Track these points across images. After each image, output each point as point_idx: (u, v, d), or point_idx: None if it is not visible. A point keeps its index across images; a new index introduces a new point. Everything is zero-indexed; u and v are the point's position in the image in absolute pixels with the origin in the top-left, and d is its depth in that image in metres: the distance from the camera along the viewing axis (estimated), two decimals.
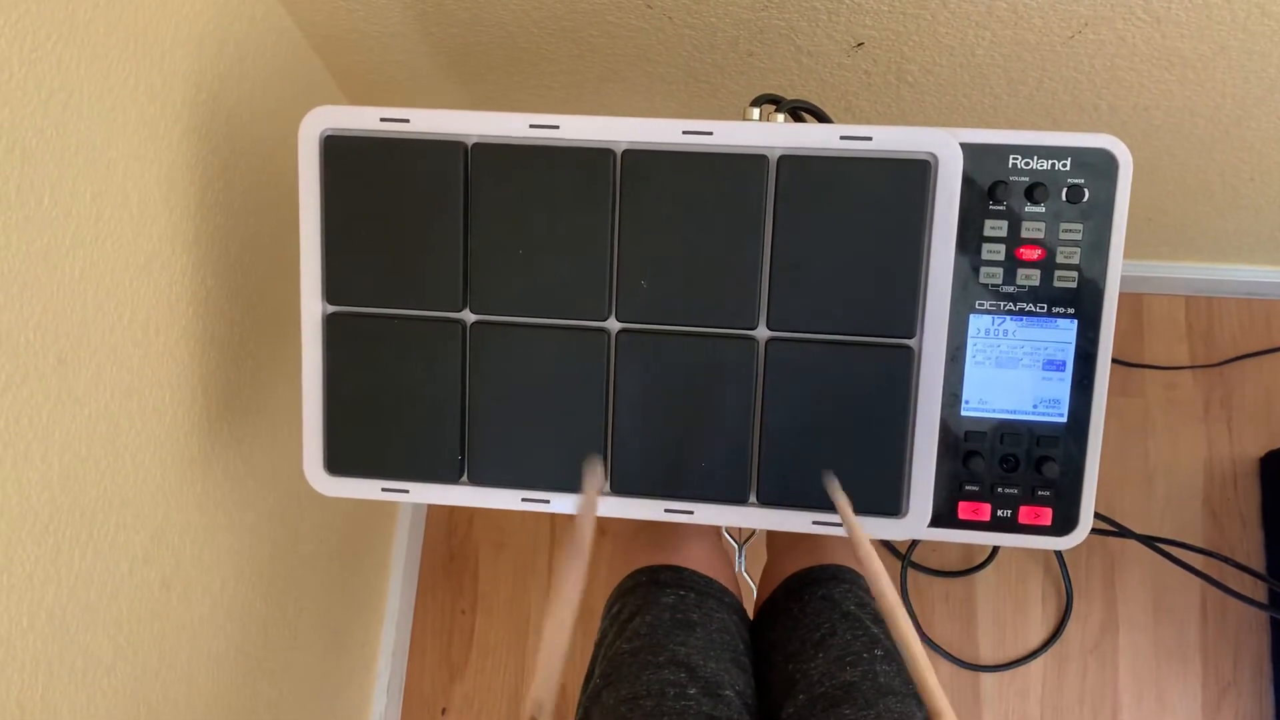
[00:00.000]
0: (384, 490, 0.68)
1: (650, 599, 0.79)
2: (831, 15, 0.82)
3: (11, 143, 0.56)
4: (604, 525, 1.50)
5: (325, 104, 0.64)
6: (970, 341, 0.64)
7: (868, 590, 0.81)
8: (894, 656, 0.74)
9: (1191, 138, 0.99)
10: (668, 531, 0.88)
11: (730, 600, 0.82)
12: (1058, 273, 0.63)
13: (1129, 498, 1.42)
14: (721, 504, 0.65)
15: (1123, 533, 1.09)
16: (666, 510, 0.65)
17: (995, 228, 0.62)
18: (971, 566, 1.43)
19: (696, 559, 0.84)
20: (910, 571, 1.43)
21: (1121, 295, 0.62)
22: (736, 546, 1.03)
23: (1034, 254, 0.63)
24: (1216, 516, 1.41)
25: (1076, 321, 0.63)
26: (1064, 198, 0.62)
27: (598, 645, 0.82)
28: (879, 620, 0.78)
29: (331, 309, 0.66)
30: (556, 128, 0.62)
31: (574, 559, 0.52)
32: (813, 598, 0.79)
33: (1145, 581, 1.40)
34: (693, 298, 0.63)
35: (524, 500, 0.67)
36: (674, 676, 0.71)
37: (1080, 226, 0.62)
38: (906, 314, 0.61)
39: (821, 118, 0.70)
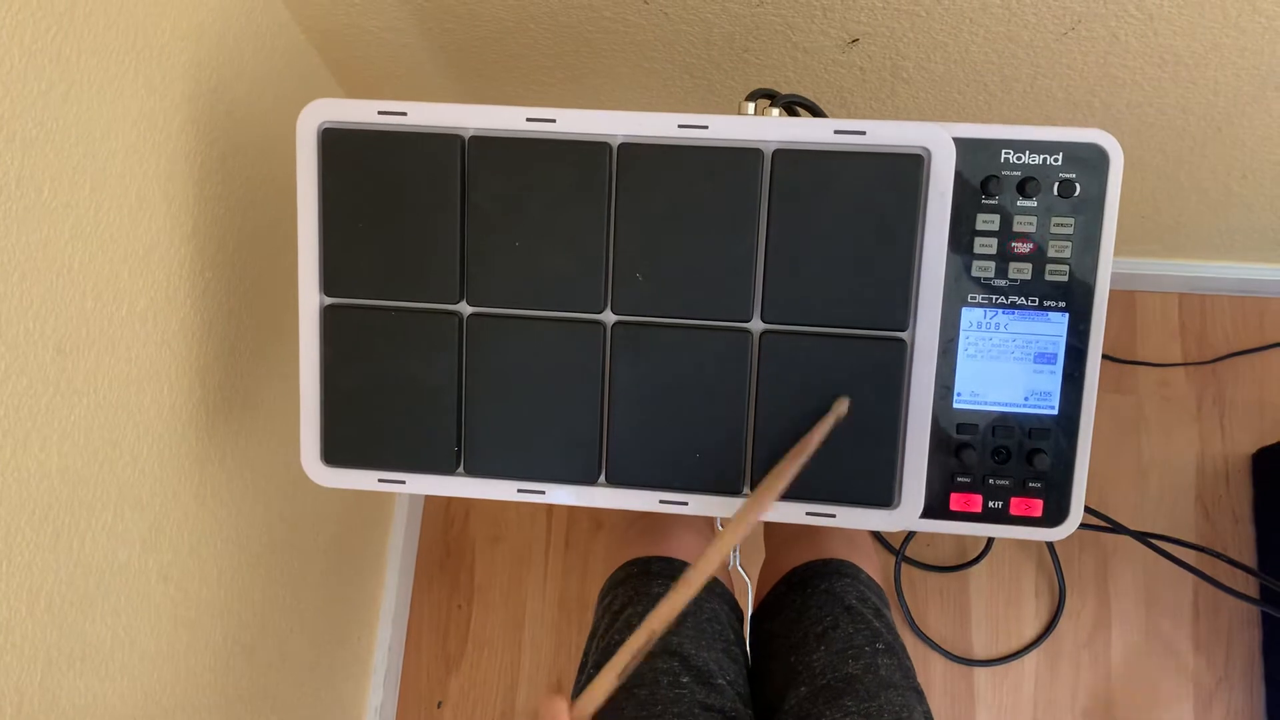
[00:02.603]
0: (380, 481, 0.68)
1: (642, 589, 0.80)
2: (827, 12, 0.82)
3: (11, 133, 0.56)
4: (599, 518, 1.51)
5: (322, 97, 0.64)
6: (962, 334, 0.65)
7: (869, 585, 0.81)
8: (894, 650, 0.75)
9: (1184, 135, 1.00)
10: (660, 524, 0.88)
11: (721, 591, 0.83)
12: (1049, 266, 0.63)
13: (1122, 494, 1.43)
14: (716, 494, 0.66)
15: (1115, 528, 1.09)
16: (661, 501, 0.66)
17: (987, 222, 0.63)
18: (965, 561, 1.44)
19: (688, 550, 0.84)
20: (904, 566, 1.44)
21: (1114, 292, 0.62)
22: None
23: (1025, 248, 0.63)
24: (1209, 512, 1.42)
25: (1068, 315, 0.64)
26: (1055, 192, 0.62)
27: (591, 637, 0.82)
28: (880, 614, 0.78)
29: (329, 301, 0.66)
30: (553, 121, 0.62)
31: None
32: (815, 591, 0.80)
33: (1138, 577, 1.41)
34: (688, 290, 0.63)
35: (520, 491, 0.67)
36: (667, 665, 0.72)
37: (1071, 221, 0.63)
38: (899, 307, 0.62)
39: (816, 112, 0.71)
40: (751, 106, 0.67)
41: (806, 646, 0.75)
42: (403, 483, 0.68)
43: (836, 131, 0.61)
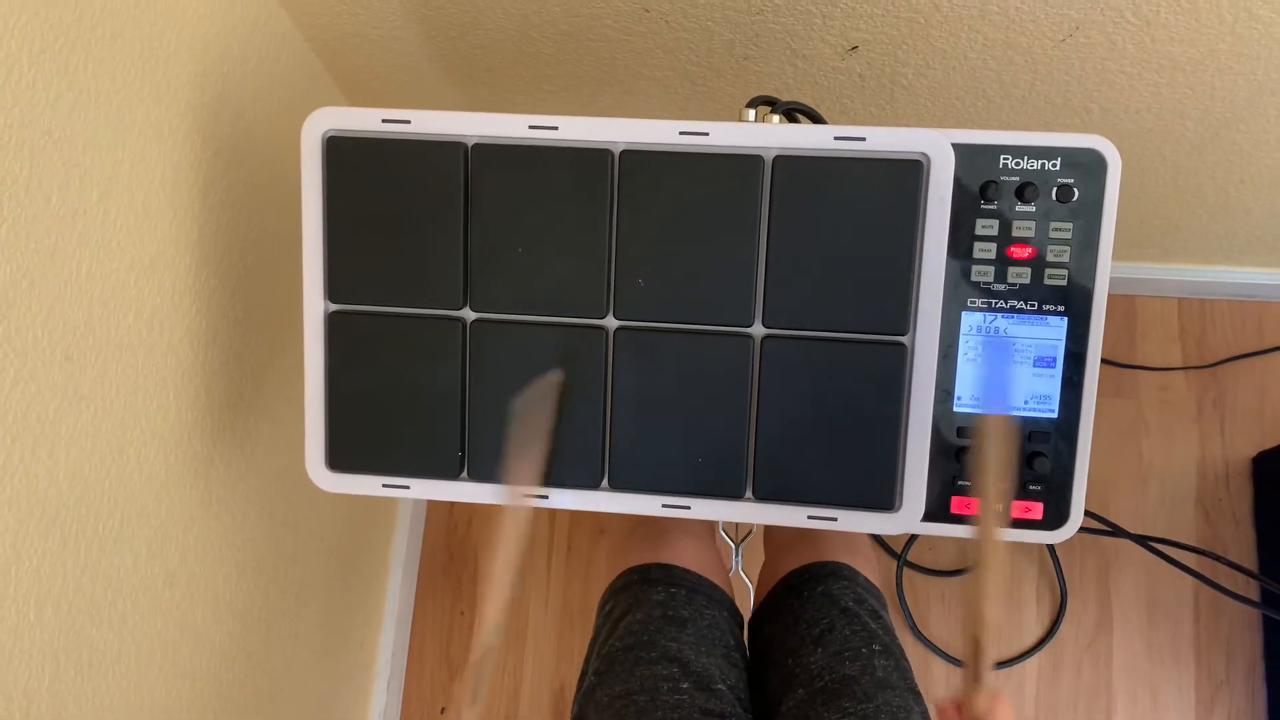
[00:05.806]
0: (385, 486, 0.68)
1: (641, 597, 0.80)
2: (826, 19, 0.83)
3: (21, 143, 0.57)
4: (601, 524, 1.51)
5: (327, 106, 0.65)
6: (962, 339, 0.65)
7: (866, 587, 0.82)
8: (891, 652, 0.75)
9: (1182, 140, 1.00)
10: (661, 531, 0.88)
11: (720, 597, 0.83)
12: (1048, 271, 0.64)
13: (1123, 497, 1.43)
14: (718, 499, 0.66)
15: (1116, 532, 1.10)
16: (664, 505, 0.66)
17: (986, 227, 0.64)
18: (967, 565, 1.44)
19: (687, 557, 0.85)
20: (906, 570, 1.44)
21: (1114, 297, 0.63)
22: (733, 546, 1.04)
23: (1024, 253, 0.64)
24: (1209, 516, 1.42)
25: (1066, 319, 0.64)
26: (1054, 197, 0.63)
27: (591, 644, 0.82)
28: (876, 616, 0.79)
29: (334, 307, 0.67)
30: (555, 129, 0.63)
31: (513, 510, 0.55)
32: (812, 594, 0.80)
33: (1139, 580, 1.41)
34: (689, 296, 0.64)
35: (524, 495, 0.67)
36: (667, 671, 0.72)
37: (1070, 225, 0.63)
38: (899, 311, 0.63)
39: (816, 119, 0.71)
40: (752, 113, 0.68)
41: (803, 649, 0.76)
42: (407, 488, 0.68)
43: (836, 138, 0.61)
